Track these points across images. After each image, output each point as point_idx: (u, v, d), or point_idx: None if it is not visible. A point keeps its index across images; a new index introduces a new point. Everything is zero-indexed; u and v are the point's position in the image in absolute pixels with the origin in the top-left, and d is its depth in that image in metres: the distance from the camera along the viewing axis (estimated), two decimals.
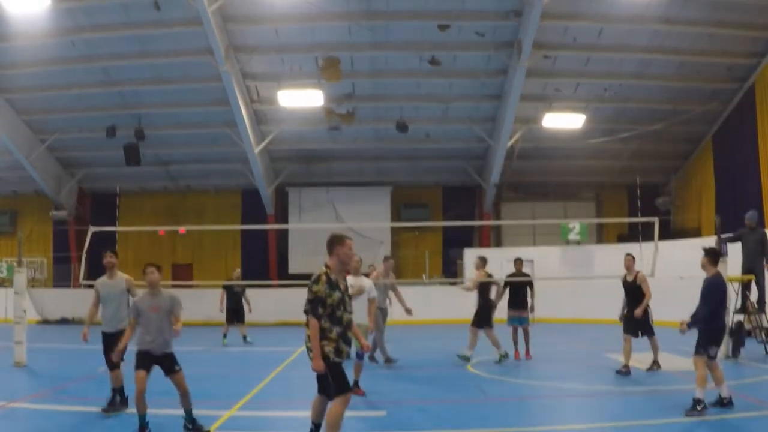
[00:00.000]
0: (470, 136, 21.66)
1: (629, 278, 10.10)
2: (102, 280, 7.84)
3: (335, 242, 5.54)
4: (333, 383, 5.32)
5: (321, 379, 5.45)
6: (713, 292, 7.39)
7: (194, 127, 21.32)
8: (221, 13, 16.47)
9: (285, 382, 10.23)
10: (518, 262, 12.33)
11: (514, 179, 23.43)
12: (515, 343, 11.90)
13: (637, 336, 9.97)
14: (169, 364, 6.52)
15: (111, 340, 7.40)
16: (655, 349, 10.13)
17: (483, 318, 11.46)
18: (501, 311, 11.87)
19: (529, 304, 11.97)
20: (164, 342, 6.49)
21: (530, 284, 12.13)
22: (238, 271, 16.33)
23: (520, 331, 11.98)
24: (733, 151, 19.95)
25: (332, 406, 5.36)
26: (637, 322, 9.90)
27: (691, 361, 7.34)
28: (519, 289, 11.93)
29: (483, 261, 11.94)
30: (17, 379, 10.07)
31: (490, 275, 11.73)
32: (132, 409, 7.32)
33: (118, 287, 7.77)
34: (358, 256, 8.73)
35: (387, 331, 11.77)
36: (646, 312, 9.87)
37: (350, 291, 6.13)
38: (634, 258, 10.20)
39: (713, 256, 7.60)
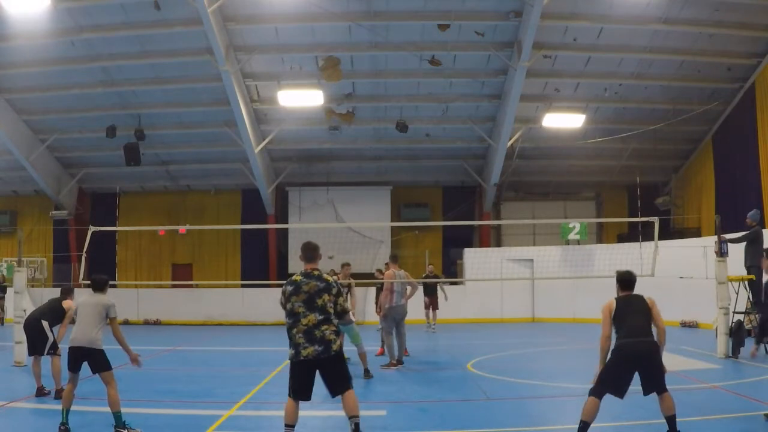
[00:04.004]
0: (470, 135, 21.66)
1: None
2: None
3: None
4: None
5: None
6: None
7: (194, 127, 21.32)
8: (221, 13, 16.46)
9: (285, 382, 10.20)
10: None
11: (514, 179, 23.44)
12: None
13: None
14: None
15: None
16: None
17: None
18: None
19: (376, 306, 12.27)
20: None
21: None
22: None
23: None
24: (733, 151, 19.95)
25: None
26: None
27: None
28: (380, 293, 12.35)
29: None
30: (17, 379, 10.05)
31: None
32: (133, 409, 7.34)
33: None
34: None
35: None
36: None
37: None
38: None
39: None
